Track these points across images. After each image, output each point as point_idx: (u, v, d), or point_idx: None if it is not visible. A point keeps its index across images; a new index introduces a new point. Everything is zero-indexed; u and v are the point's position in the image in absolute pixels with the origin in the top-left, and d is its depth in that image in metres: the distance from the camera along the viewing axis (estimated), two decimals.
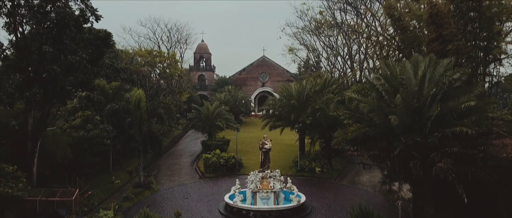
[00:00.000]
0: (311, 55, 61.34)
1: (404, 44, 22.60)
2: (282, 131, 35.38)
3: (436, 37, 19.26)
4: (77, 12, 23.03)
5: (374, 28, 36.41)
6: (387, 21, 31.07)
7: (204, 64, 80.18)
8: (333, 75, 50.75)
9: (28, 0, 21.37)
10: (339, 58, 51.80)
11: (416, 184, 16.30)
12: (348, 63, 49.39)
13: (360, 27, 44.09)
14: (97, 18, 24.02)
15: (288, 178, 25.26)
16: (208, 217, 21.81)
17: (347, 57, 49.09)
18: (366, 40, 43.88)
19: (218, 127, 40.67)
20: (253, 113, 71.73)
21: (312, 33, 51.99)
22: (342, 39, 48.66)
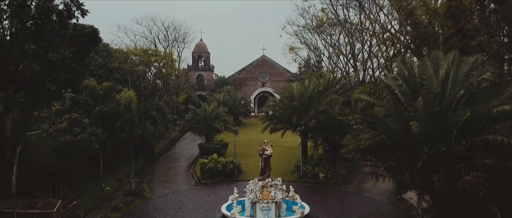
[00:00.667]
0: (312, 54, 59.77)
1: (417, 41, 20.64)
2: (284, 134, 33.46)
3: (455, 32, 17.38)
4: (61, 6, 21.20)
5: (380, 24, 34.40)
6: (395, 16, 29.11)
7: (203, 64, 78.30)
8: (335, 75, 48.86)
9: None
10: (342, 57, 50.01)
11: (438, 197, 14.37)
12: (351, 62, 47.50)
13: (364, 24, 42.24)
14: (83, 13, 22.13)
15: (290, 186, 23.28)
16: None
17: (350, 56, 47.21)
18: (370, 37, 42.08)
19: (216, 129, 38.69)
20: (253, 114, 69.94)
21: (314, 31, 50.19)
22: (344, 37, 46.87)
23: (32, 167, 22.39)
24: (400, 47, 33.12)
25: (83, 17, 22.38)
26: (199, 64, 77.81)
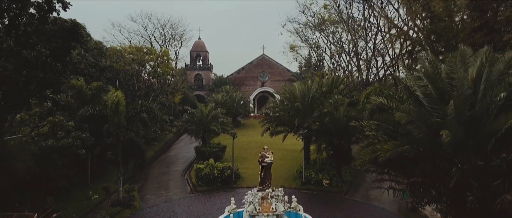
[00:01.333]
0: (313, 53, 57.83)
1: (434, 36, 18.58)
2: (285, 138, 31.41)
3: (480, 25, 15.33)
4: None
5: (387, 19, 32.29)
6: (405, 11, 27.04)
7: (201, 63, 76.19)
8: (337, 74, 46.84)
9: None
10: (344, 55, 48.02)
11: (467, 215, 12.33)
12: (354, 61, 45.48)
13: (368, 20, 40.24)
14: (65, 6, 20.05)
15: (293, 196, 21.22)
16: None
17: (353, 54, 45.17)
18: (375, 35, 40.06)
19: (213, 132, 36.60)
20: (252, 114, 67.93)
21: (315, 29, 48.19)
22: (347, 35, 44.85)
23: (9, 175, 20.27)
24: (408, 44, 31.05)
25: (65, 10, 20.30)
26: (197, 63, 75.71)
